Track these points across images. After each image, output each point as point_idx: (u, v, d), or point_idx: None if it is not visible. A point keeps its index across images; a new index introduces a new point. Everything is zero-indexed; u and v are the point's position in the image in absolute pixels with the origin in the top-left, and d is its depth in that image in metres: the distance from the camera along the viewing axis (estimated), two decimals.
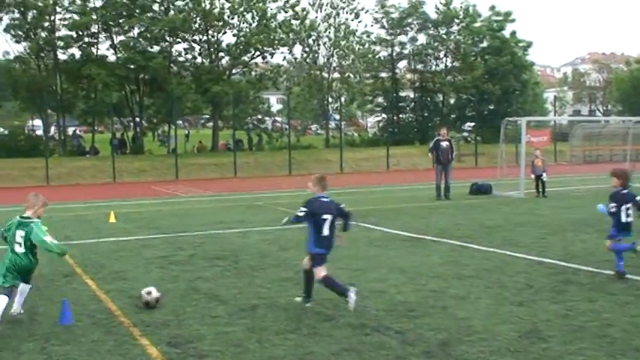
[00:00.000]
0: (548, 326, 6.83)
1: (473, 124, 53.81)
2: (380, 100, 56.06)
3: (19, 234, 7.32)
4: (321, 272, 7.71)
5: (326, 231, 7.84)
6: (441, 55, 54.51)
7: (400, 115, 55.64)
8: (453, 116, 56.20)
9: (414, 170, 37.66)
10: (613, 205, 9.02)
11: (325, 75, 51.09)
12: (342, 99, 52.31)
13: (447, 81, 53.07)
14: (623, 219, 8.98)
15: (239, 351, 6.27)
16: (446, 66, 54.82)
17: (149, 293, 7.93)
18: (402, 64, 56.46)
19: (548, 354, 6.01)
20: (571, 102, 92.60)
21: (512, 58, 52.47)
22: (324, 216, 7.84)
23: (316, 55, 50.21)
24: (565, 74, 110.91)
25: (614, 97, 66.05)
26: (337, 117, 52.38)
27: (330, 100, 53.15)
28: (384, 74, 54.81)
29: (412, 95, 56.44)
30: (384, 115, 56.47)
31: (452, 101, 56.43)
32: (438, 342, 6.41)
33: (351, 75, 51.39)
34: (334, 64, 51.23)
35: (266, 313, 7.54)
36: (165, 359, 6.11)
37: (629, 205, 8.99)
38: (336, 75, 52.07)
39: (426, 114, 55.46)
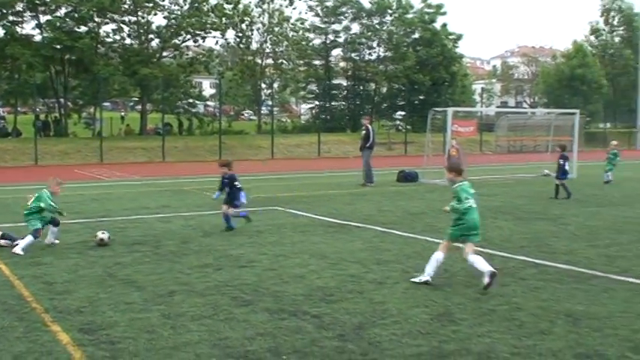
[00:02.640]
0: (460, 309, 7.01)
1: (403, 113, 54.56)
2: (313, 87, 56.20)
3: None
4: None
5: None
6: (374, 44, 55.02)
7: (333, 103, 55.95)
8: (384, 105, 56.89)
9: (344, 157, 37.91)
10: (237, 183, 12.07)
11: (258, 61, 50.85)
12: (275, 85, 52.21)
13: (379, 70, 53.63)
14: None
15: (152, 337, 6.18)
16: (378, 55, 55.38)
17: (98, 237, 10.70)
18: (336, 53, 56.76)
19: (458, 336, 6.16)
20: (499, 94, 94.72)
21: (443, 49, 53.45)
22: None
23: (249, 40, 49.91)
24: (495, 67, 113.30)
25: (540, 90, 67.92)
26: (270, 103, 52.31)
27: (263, 86, 53.00)
28: (317, 62, 54.99)
29: (345, 83, 56.79)
30: (316, 103, 56.68)
31: (384, 90, 57.01)
32: (353, 325, 6.49)
33: (285, 61, 51.32)
34: (267, 50, 51.07)
35: (183, 299, 7.47)
36: (76, 346, 5.98)
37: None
38: (270, 61, 51.93)
39: (358, 102, 55.92)
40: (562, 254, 9.96)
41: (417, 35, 55.07)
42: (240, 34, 49.30)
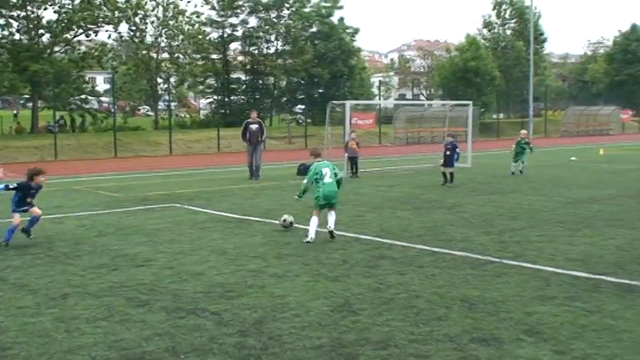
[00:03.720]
0: (359, 300, 7.09)
1: (303, 106, 54.76)
2: (211, 81, 55.47)
3: None
4: None
5: None
6: (272, 38, 54.86)
7: (232, 97, 55.41)
8: (284, 99, 56.93)
9: (245, 152, 37.55)
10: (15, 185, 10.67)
11: (154, 55, 49.69)
12: (172, 80, 51.22)
13: (278, 64, 53.55)
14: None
15: (45, 342, 5.96)
16: (277, 49, 55.25)
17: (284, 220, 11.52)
18: (234, 46, 56.19)
19: (357, 326, 6.23)
20: (397, 86, 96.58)
21: (340, 43, 53.98)
22: None
23: (144, 34, 48.65)
24: (392, 60, 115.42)
25: (436, 82, 69.57)
26: (167, 98, 51.25)
27: (159, 80, 51.86)
28: (215, 56, 54.22)
29: (244, 77, 56.38)
30: (215, 97, 56.04)
31: (283, 84, 57.01)
32: (253, 320, 6.45)
33: (181, 56, 50.40)
34: (163, 44, 49.99)
35: (77, 302, 7.21)
36: None
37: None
38: (165, 55, 50.83)
39: (257, 96, 55.61)
40: (458, 241, 10.26)
41: (314, 29, 55.37)
42: (134, 28, 47.96)
